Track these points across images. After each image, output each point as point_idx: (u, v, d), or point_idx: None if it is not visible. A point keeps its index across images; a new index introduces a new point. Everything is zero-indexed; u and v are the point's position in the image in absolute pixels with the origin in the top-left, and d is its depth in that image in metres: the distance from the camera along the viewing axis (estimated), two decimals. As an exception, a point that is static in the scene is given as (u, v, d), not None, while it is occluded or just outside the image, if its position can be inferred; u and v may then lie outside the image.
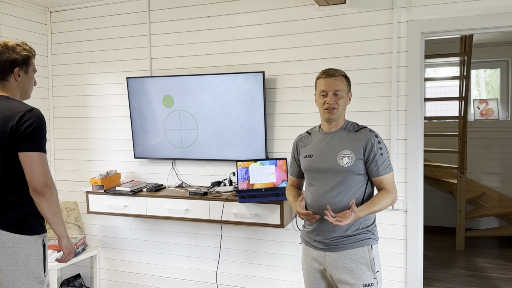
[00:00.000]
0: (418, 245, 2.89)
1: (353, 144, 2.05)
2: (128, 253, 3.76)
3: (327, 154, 2.09)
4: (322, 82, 2.10)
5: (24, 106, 1.95)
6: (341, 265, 2.04)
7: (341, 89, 2.07)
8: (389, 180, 2.06)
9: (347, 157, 2.04)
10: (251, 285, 3.38)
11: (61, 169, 3.95)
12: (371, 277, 2.03)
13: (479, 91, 5.91)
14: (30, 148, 1.90)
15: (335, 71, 2.09)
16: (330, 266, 2.07)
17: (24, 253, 1.95)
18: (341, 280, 2.04)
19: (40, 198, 1.92)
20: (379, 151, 2.04)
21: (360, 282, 2.01)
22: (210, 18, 3.35)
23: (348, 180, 2.04)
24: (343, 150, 2.06)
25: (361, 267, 2.02)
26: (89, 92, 3.81)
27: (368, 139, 2.04)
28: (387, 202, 2.02)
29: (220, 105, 3.25)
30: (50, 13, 3.88)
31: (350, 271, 2.02)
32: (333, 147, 2.09)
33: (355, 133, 2.09)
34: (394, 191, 2.07)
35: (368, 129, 2.10)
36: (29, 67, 2.09)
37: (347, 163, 2.03)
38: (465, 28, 2.74)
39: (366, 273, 2.02)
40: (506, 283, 3.90)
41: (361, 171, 2.05)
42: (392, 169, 2.09)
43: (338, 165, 2.04)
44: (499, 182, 5.43)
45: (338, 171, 2.04)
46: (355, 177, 2.05)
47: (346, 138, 2.09)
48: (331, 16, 3.02)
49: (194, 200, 3.10)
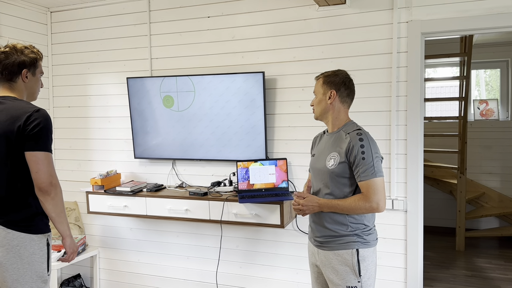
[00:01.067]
0: (418, 245, 2.89)
1: (340, 147, 2.06)
2: (128, 253, 3.76)
3: (321, 155, 2.15)
4: None
5: (32, 106, 1.99)
6: (329, 264, 2.08)
7: (316, 91, 2.18)
8: (369, 187, 1.96)
9: (333, 159, 2.06)
10: (251, 285, 3.38)
11: (62, 169, 3.95)
12: (355, 281, 2.03)
13: (479, 91, 5.91)
14: (36, 148, 1.93)
15: (320, 74, 2.20)
16: (321, 263, 2.13)
17: (29, 251, 1.97)
18: (328, 278, 2.09)
19: (45, 197, 1.95)
20: (360, 155, 1.98)
21: (344, 284, 2.03)
22: (210, 18, 3.35)
23: (332, 182, 2.06)
24: (331, 152, 2.09)
25: (345, 268, 2.04)
26: (89, 92, 3.81)
27: (351, 143, 2.02)
28: (358, 205, 1.97)
29: (220, 105, 3.25)
30: (50, 13, 3.88)
31: (336, 271, 2.06)
32: (326, 148, 2.14)
33: (345, 136, 2.08)
34: (373, 198, 1.96)
35: (356, 132, 2.05)
36: (37, 69, 2.13)
37: (331, 165, 2.05)
38: (465, 28, 2.74)
39: (350, 276, 2.03)
40: (506, 283, 3.90)
41: (346, 175, 2.03)
42: (377, 176, 1.97)
43: (325, 167, 2.08)
44: (499, 182, 5.43)
45: (325, 173, 2.09)
46: (339, 180, 2.05)
47: (338, 141, 2.10)
48: (331, 16, 3.02)
49: (194, 200, 3.11)
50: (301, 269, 3.21)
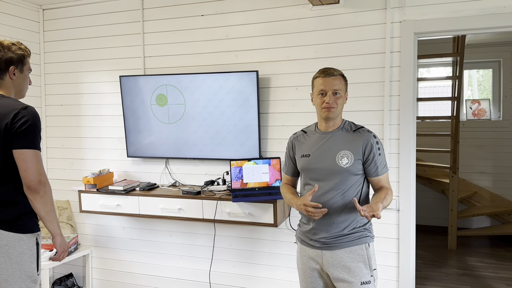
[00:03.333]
0: (410, 244, 2.90)
1: (352, 145, 2.05)
2: (121, 252, 3.75)
3: (326, 154, 2.08)
4: (320, 81, 2.07)
5: (19, 104, 1.96)
6: (339, 263, 2.04)
7: (340, 89, 2.06)
8: (386, 179, 2.11)
9: (346, 157, 2.04)
10: (244, 284, 3.38)
11: (54, 168, 3.93)
12: (369, 275, 2.04)
13: (472, 91, 5.95)
14: (24, 146, 1.90)
15: (333, 70, 2.08)
16: (327, 264, 2.07)
17: (18, 251, 1.95)
18: (338, 278, 2.04)
19: (34, 195, 1.93)
20: (378, 152, 2.06)
21: (357, 280, 2.01)
22: (204, 16, 3.34)
23: (346, 180, 2.05)
24: (342, 150, 2.06)
25: (358, 265, 2.03)
26: (82, 90, 3.78)
27: (368, 140, 2.05)
28: (391, 198, 2.06)
29: (214, 104, 3.24)
30: (42, 10, 3.85)
31: (347, 269, 2.03)
32: (331, 147, 2.08)
33: (353, 133, 2.09)
34: (391, 189, 2.11)
35: (366, 129, 2.11)
36: (24, 66, 2.10)
37: (346, 164, 2.03)
38: (458, 28, 2.76)
39: (364, 271, 2.03)
40: (497, 281, 3.94)
41: (359, 172, 2.06)
42: (388, 168, 2.14)
43: (337, 166, 2.04)
44: (491, 181, 5.47)
45: (337, 172, 2.04)
46: (353, 178, 2.06)
47: (345, 138, 2.08)
48: (325, 15, 3.03)
49: (188, 199, 3.10)
50: (295, 268, 3.22)
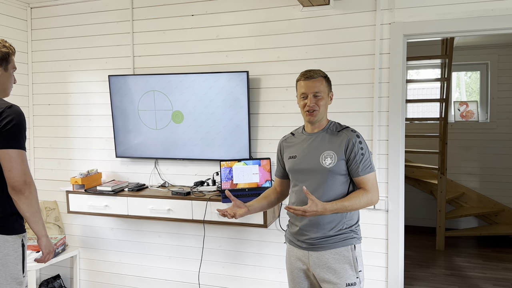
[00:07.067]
0: (399, 245, 2.92)
1: (335, 145, 2.06)
2: (109, 254, 3.71)
3: (310, 155, 2.10)
4: (302, 84, 2.09)
5: (4, 103, 1.93)
6: (324, 264, 2.05)
7: (321, 91, 2.07)
8: (368, 181, 2.05)
9: (329, 157, 2.05)
10: (233, 285, 3.37)
11: (41, 168, 3.88)
12: (354, 276, 2.04)
13: (460, 93, 6.01)
14: (9, 145, 1.87)
15: (313, 72, 2.08)
16: (314, 265, 2.08)
17: (3, 253, 1.92)
18: (324, 279, 2.05)
19: (19, 196, 1.90)
20: (360, 151, 2.04)
21: (343, 282, 2.02)
22: (194, 16, 3.33)
23: (330, 180, 2.05)
24: (325, 150, 2.07)
25: (344, 266, 2.03)
26: (70, 90, 3.74)
27: (349, 139, 2.05)
28: (362, 200, 2.01)
29: (204, 104, 3.23)
30: (30, 9, 3.80)
31: (333, 270, 2.03)
32: (316, 147, 2.10)
33: (337, 134, 2.10)
34: (374, 192, 2.05)
35: (350, 129, 2.11)
36: (9, 64, 2.06)
37: (329, 164, 2.04)
38: (446, 30, 2.78)
39: (349, 272, 2.03)
40: (484, 282, 3.98)
41: (343, 172, 2.06)
42: (374, 170, 2.08)
43: (321, 166, 2.05)
44: (478, 182, 5.53)
45: (320, 172, 2.05)
46: (337, 178, 2.06)
47: (329, 139, 2.10)
48: (315, 17, 3.03)
49: (177, 200, 3.08)
50: (284, 268, 3.22)
